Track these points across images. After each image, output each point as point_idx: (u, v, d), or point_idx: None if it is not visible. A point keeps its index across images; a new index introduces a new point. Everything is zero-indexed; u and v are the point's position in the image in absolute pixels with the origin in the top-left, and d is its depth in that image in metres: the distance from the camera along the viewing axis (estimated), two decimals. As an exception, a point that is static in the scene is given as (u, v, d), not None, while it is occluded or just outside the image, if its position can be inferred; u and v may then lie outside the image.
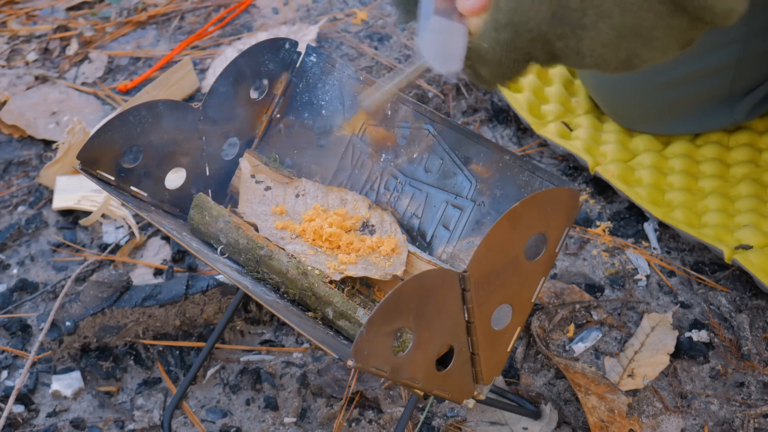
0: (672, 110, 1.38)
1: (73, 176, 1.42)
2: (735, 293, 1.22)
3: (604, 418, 1.07)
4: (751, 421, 1.08)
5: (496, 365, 0.85)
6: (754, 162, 1.37)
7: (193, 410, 1.13)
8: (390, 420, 1.09)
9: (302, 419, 1.11)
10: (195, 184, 1.00)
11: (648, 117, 1.40)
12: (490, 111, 1.52)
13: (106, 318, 1.16)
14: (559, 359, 1.14)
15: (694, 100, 1.37)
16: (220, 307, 1.19)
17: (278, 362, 1.17)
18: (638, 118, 1.41)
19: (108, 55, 1.70)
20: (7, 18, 1.81)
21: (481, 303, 0.79)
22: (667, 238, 1.30)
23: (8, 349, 1.21)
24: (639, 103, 1.39)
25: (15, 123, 1.55)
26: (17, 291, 1.28)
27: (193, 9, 1.80)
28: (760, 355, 1.15)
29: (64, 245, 1.35)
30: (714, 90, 1.35)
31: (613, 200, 1.36)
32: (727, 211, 1.30)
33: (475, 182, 0.92)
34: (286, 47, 1.01)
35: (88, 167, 0.90)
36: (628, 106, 1.41)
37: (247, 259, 0.91)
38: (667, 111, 1.39)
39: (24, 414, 1.13)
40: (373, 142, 0.99)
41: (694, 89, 1.35)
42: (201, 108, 0.97)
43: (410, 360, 0.75)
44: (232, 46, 1.69)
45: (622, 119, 1.43)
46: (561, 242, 0.84)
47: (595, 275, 1.26)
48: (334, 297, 0.86)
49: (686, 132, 1.41)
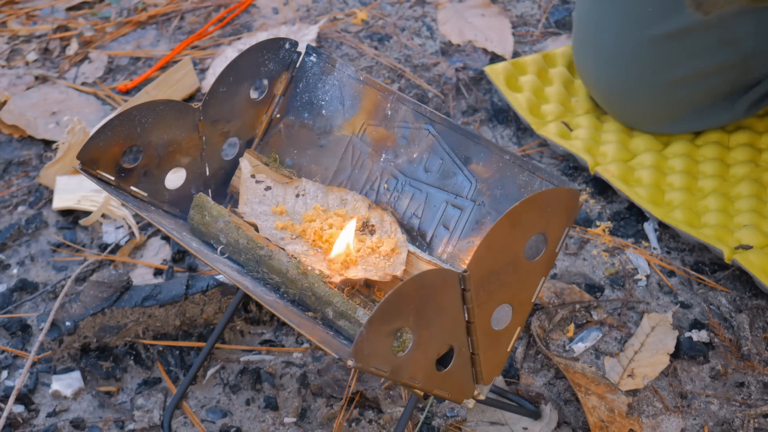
0: (675, 109, 1.38)
1: (73, 176, 1.42)
2: (735, 293, 1.22)
3: (604, 418, 1.07)
4: (751, 421, 1.08)
5: (496, 365, 0.85)
6: (754, 162, 1.37)
7: (193, 410, 1.13)
8: (390, 420, 1.09)
9: (302, 419, 1.11)
10: (195, 184, 1.00)
11: (650, 115, 1.40)
12: (490, 111, 1.52)
13: (106, 318, 1.16)
14: (559, 359, 1.14)
15: (698, 98, 1.37)
16: (220, 307, 1.19)
17: (278, 362, 1.17)
18: (640, 116, 1.41)
19: (108, 55, 1.70)
20: (7, 18, 1.81)
21: (481, 303, 0.79)
22: (667, 238, 1.30)
23: (8, 349, 1.21)
24: (642, 101, 1.38)
25: (15, 123, 1.55)
26: (17, 291, 1.28)
27: (193, 9, 1.80)
28: (760, 355, 1.15)
29: (64, 245, 1.35)
30: (719, 88, 1.35)
31: (613, 200, 1.36)
32: (727, 211, 1.30)
33: (475, 182, 0.92)
34: (286, 47, 1.01)
35: (88, 167, 0.90)
36: (630, 105, 1.40)
37: (247, 259, 0.91)
38: (670, 109, 1.39)
39: (24, 414, 1.13)
40: (373, 142, 0.99)
41: (698, 87, 1.35)
42: (201, 108, 0.97)
43: (410, 360, 0.75)
44: (232, 46, 1.69)
45: (623, 118, 1.43)
46: (561, 242, 0.84)
47: (595, 275, 1.26)
48: (334, 297, 0.86)
49: (687, 130, 1.41)
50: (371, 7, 1.76)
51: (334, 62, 1.02)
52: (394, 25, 1.71)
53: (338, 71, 1.01)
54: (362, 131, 1.00)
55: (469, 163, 0.93)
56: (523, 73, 1.54)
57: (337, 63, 1.01)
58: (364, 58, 1.63)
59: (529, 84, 1.51)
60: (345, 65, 1.01)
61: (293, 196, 0.99)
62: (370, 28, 1.71)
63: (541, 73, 1.54)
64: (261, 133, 1.04)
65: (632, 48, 1.34)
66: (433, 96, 1.54)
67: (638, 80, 1.36)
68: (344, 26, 1.72)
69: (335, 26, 1.71)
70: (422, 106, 0.96)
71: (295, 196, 0.99)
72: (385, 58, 1.62)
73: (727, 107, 1.38)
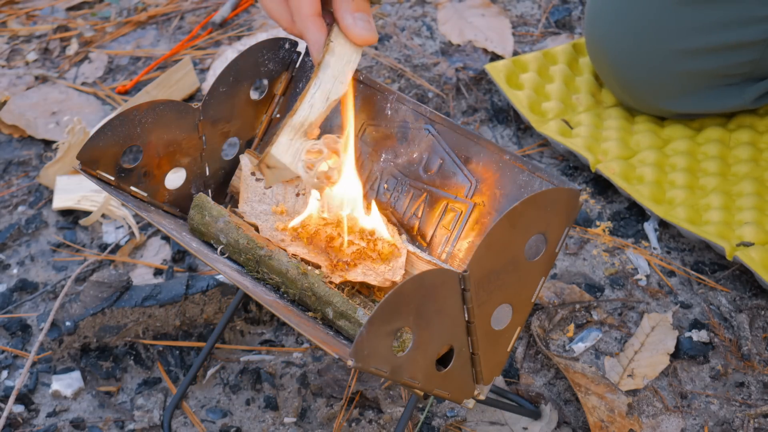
0: (686, 83, 1.37)
1: (73, 176, 1.42)
2: (735, 293, 1.22)
3: (604, 418, 1.07)
4: (751, 421, 1.08)
5: (496, 365, 0.85)
6: (755, 161, 1.37)
7: (193, 410, 1.13)
8: (390, 420, 1.09)
9: (302, 419, 1.11)
10: (195, 184, 1.00)
11: (659, 88, 1.38)
12: (490, 111, 1.52)
13: (106, 318, 1.16)
14: (559, 359, 1.14)
15: (711, 75, 1.36)
16: (220, 307, 1.19)
17: (278, 362, 1.17)
18: (648, 89, 1.39)
19: (108, 55, 1.70)
20: (7, 18, 1.81)
21: (481, 303, 0.79)
22: (667, 238, 1.30)
23: (8, 349, 1.21)
24: (655, 71, 1.37)
25: (15, 123, 1.55)
26: (17, 291, 1.28)
27: (193, 9, 1.80)
28: (760, 355, 1.15)
29: (64, 245, 1.35)
30: (734, 68, 1.35)
31: (613, 200, 1.36)
32: (729, 208, 1.30)
33: (475, 182, 0.92)
34: (285, 47, 1.01)
35: (88, 167, 0.90)
36: (641, 75, 1.39)
37: (247, 259, 0.91)
38: (681, 83, 1.37)
39: (24, 414, 1.13)
40: (373, 142, 0.99)
41: (715, 63, 1.34)
42: (201, 108, 0.97)
43: (410, 360, 0.75)
44: (232, 46, 1.69)
45: (630, 92, 1.41)
46: (561, 242, 0.84)
47: (595, 275, 1.26)
48: (334, 297, 0.86)
49: (692, 109, 1.40)
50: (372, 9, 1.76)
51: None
52: (394, 25, 1.71)
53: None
54: (362, 131, 0.99)
55: (469, 163, 0.92)
56: (524, 70, 1.54)
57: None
58: (364, 58, 1.63)
59: (529, 82, 1.51)
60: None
61: (293, 196, 0.99)
62: (370, 27, 1.71)
63: (541, 70, 1.54)
64: (261, 133, 1.04)
65: (656, 13, 1.33)
66: (433, 96, 1.54)
67: (656, 47, 1.35)
68: (344, 26, 1.72)
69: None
70: (422, 106, 0.96)
71: (295, 195, 0.99)
72: (385, 58, 1.62)
73: (737, 93, 1.38)
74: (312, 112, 0.88)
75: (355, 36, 0.88)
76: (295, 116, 0.87)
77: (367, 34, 0.88)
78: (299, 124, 0.87)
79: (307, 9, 0.88)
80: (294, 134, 0.87)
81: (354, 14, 0.88)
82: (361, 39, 0.88)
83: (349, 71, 0.90)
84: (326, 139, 0.89)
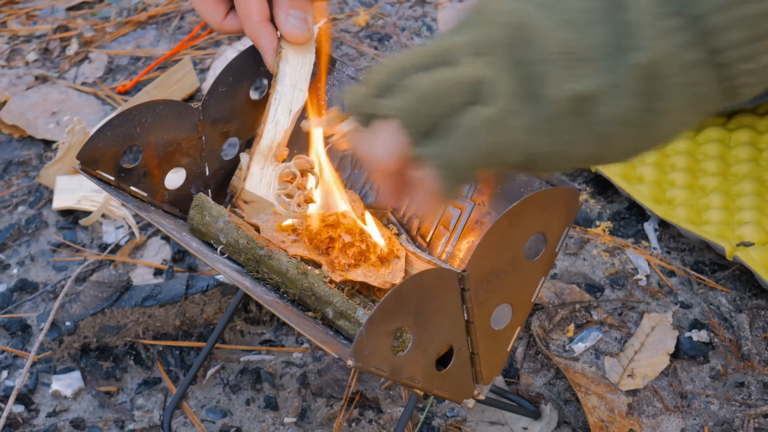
0: None
1: (73, 176, 1.42)
2: (735, 293, 1.22)
3: (604, 418, 1.07)
4: (751, 421, 1.08)
5: (496, 365, 0.85)
6: (755, 161, 1.37)
7: (193, 410, 1.13)
8: (390, 420, 1.09)
9: (302, 419, 1.11)
10: (195, 184, 1.00)
11: None
12: (490, 111, 1.52)
13: (106, 318, 1.16)
14: (559, 359, 1.14)
15: None
16: (220, 307, 1.19)
17: (278, 362, 1.17)
18: None
19: (108, 55, 1.70)
20: (7, 18, 1.81)
21: (481, 303, 0.79)
22: (667, 238, 1.30)
23: (8, 349, 1.21)
24: None
25: (15, 123, 1.55)
26: (17, 291, 1.28)
27: (193, 9, 1.80)
28: (760, 355, 1.15)
29: (64, 245, 1.35)
30: None
31: (613, 200, 1.36)
32: (729, 208, 1.30)
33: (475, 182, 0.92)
34: (285, 47, 1.01)
35: (88, 167, 0.90)
36: None
37: (247, 259, 0.91)
38: None
39: (24, 414, 1.13)
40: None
41: None
42: (201, 108, 0.97)
43: (410, 360, 0.74)
44: (232, 46, 1.69)
45: None
46: (561, 242, 0.84)
47: (595, 275, 1.26)
48: (334, 297, 0.86)
49: None
50: (373, 9, 1.76)
51: (333, 62, 1.01)
52: (394, 25, 1.71)
53: (338, 71, 1.01)
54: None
55: (469, 163, 0.92)
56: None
57: (337, 63, 1.01)
58: (364, 58, 1.63)
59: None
60: (345, 65, 1.01)
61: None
62: (370, 28, 1.71)
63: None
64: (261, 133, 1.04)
65: None
66: (433, 96, 1.54)
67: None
68: (344, 26, 1.72)
69: (335, 26, 1.71)
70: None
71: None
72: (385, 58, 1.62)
73: None
74: (277, 132, 0.87)
75: (286, 33, 0.87)
76: (261, 141, 0.86)
77: (298, 32, 0.87)
78: (267, 148, 0.86)
79: (256, 15, 0.87)
80: (264, 162, 0.86)
81: (288, 11, 0.87)
82: (291, 36, 0.87)
83: (305, 76, 0.89)
84: (297, 160, 0.88)
